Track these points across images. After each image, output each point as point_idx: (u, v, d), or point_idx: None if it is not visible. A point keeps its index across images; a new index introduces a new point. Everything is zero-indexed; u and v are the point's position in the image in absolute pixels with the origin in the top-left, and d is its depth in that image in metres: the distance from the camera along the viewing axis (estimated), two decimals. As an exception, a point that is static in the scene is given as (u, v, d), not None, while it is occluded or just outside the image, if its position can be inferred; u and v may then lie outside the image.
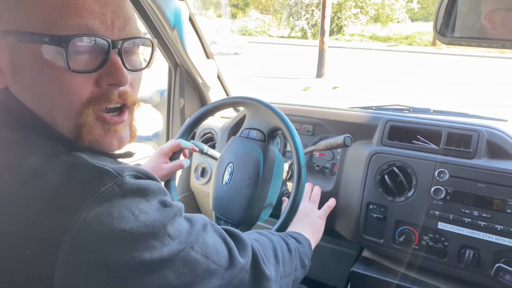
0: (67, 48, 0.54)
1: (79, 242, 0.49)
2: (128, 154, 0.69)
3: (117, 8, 0.59)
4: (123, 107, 0.63)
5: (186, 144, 1.16)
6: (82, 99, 0.58)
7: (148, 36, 0.64)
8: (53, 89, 0.57)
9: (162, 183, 1.17)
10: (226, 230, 0.71)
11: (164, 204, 0.58)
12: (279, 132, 1.11)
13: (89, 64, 0.57)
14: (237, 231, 0.74)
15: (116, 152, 0.65)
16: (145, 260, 0.52)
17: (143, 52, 0.67)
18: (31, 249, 0.49)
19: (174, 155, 1.15)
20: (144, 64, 0.67)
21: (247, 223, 1.08)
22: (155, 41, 0.68)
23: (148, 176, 0.58)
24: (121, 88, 0.61)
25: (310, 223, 1.11)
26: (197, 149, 1.21)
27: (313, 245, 1.06)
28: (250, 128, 1.15)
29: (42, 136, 0.57)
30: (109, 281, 0.51)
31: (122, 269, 0.51)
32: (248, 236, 0.77)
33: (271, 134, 1.12)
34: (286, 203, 1.10)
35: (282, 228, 1.03)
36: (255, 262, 0.71)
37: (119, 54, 0.59)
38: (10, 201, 0.51)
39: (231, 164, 1.12)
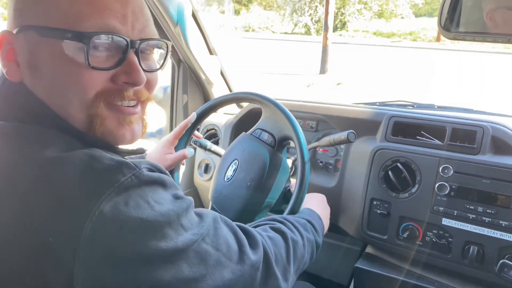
0: (89, 45, 0.57)
1: (98, 232, 0.50)
2: (140, 151, 0.71)
3: (137, 9, 0.62)
4: (137, 102, 0.65)
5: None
6: (95, 92, 0.60)
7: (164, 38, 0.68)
8: (69, 83, 0.59)
9: None
10: (238, 226, 0.72)
11: (177, 197, 0.59)
12: (289, 141, 1.11)
13: (107, 61, 0.60)
14: (248, 227, 0.74)
15: (129, 148, 0.67)
16: (161, 249, 0.53)
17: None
18: (52, 237, 0.49)
19: (179, 145, 1.15)
20: (158, 65, 0.69)
21: (240, 222, 1.08)
22: (170, 43, 0.69)
23: (160, 170, 0.60)
24: (136, 87, 0.63)
25: (322, 207, 1.10)
26: (200, 136, 1.22)
27: (325, 227, 1.05)
28: (263, 130, 1.14)
29: (56, 129, 0.59)
30: (127, 271, 0.52)
31: (139, 259, 0.52)
32: (261, 233, 0.77)
33: (281, 142, 1.11)
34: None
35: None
36: (267, 261, 0.72)
37: (136, 54, 0.62)
38: (30, 191, 0.52)
39: (236, 161, 1.12)
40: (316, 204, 1.07)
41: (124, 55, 0.60)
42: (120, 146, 0.67)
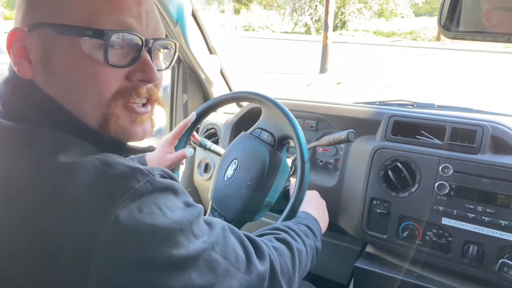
0: (108, 42, 0.57)
1: (113, 238, 0.50)
2: (150, 148, 0.72)
3: (150, 9, 0.63)
4: (147, 101, 0.67)
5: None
6: (112, 91, 0.60)
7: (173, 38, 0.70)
8: (86, 81, 0.59)
9: None
10: (245, 235, 0.72)
11: (188, 204, 0.60)
12: (289, 140, 1.11)
13: (123, 59, 0.61)
14: (255, 237, 0.74)
15: (140, 146, 0.68)
16: (173, 257, 0.53)
17: None
18: (68, 242, 0.49)
19: (179, 144, 1.15)
20: (164, 65, 0.71)
21: (240, 221, 1.08)
22: (178, 43, 0.70)
23: (171, 177, 0.60)
24: (149, 84, 0.64)
25: (317, 205, 1.11)
26: (198, 139, 1.22)
27: (323, 229, 1.05)
28: (262, 129, 1.14)
29: (70, 132, 0.58)
30: (140, 277, 0.51)
31: (153, 265, 0.52)
32: (267, 244, 0.77)
33: (281, 141, 1.11)
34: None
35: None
36: (273, 272, 0.72)
37: (149, 52, 0.63)
38: (43, 197, 0.51)
39: (236, 160, 1.12)
40: (311, 205, 1.07)
41: (139, 54, 0.61)
42: (131, 143, 0.67)
